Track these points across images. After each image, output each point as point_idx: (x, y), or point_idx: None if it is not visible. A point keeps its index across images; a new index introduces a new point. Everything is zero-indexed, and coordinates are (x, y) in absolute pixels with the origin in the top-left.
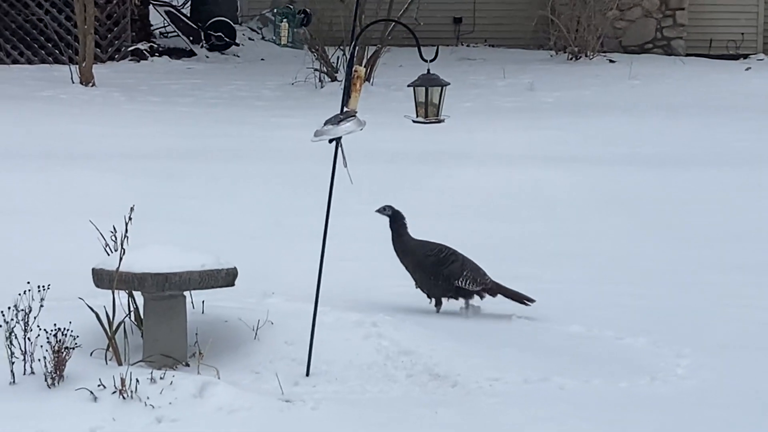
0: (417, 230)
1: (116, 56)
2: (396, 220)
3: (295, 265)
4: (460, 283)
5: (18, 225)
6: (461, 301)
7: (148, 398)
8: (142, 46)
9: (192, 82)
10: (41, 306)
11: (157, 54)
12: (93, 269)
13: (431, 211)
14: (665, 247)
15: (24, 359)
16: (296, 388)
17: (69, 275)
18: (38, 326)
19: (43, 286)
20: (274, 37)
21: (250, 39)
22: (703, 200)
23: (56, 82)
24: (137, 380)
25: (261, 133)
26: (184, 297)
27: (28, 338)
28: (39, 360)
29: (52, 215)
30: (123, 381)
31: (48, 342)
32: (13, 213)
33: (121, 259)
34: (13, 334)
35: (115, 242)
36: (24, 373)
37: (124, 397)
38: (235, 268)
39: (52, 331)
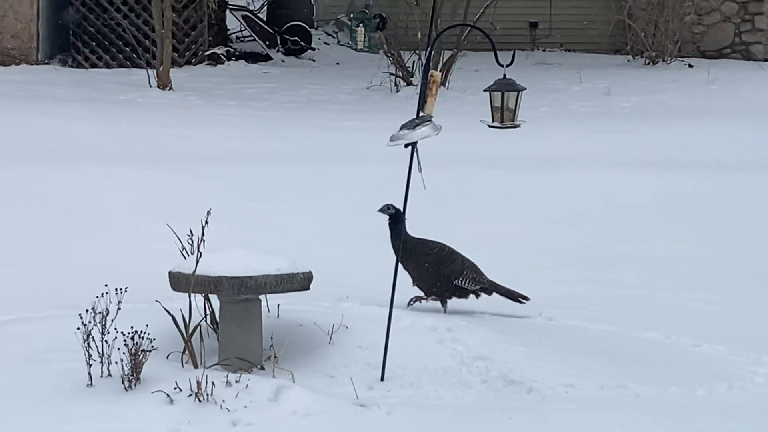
0: (490, 235)
1: (193, 60)
2: (397, 219)
3: (369, 268)
4: (459, 282)
5: (95, 227)
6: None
7: (223, 401)
8: (219, 50)
9: (268, 86)
10: (118, 309)
11: (233, 58)
12: (170, 272)
13: (507, 215)
14: (742, 253)
15: (101, 362)
16: (371, 393)
17: (146, 278)
18: (115, 329)
19: (121, 289)
20: (350, 42)
21: (325, 43)
22: None
23: (134, 86)
24: (213, 383)
25: (336, 137)
26: (260, 301)
27: (106, 341)
28: (116, 362)
29: (129, 218)
30: (199, 384)
31: (125, 344)
32: (90, 215)
33: (197, 262)
34: (90, 336)
35: (192, 245)
36: (101, 376)
37: (200, 400)
38: (310, 272)
39: (129, 333)
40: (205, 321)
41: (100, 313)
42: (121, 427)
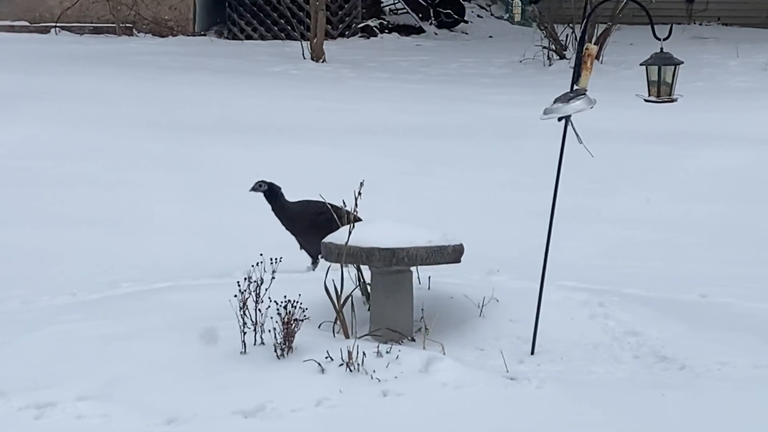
0: (645, 211)
1: (346, 33)
2: (273, 192)
3: (519, 242)
4: None
5: (249, 198)
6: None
7: (374, 372)
8: (372, 22)
9: (420, 59)
10: (273, 278)
11: (386, 31)
12: (322, 242)
13: (661, 191)
14: None
15: (255, 330)
16: (521, 366)
17: (299, 248)
18: (269, 298)
19: (275, 259)
20: (505, 15)
21: (478, 16)
22: None
23: (288, 58)
24: (364, 353)
25: (487, 111)
26: (411, 272)
27: (259, 309)
28: (269, 331)
29: (284, 187)
30: (350, 354)
31: (278, 313)
32: (244, 185)
33: (350, 233)
34: (245, 305)
35: None
36: (255, 344)
37: (350, 370)
38: (461, 245)
39: (282, 303)
40: (359, 291)
41: (254, 282)
42: (273, 394)
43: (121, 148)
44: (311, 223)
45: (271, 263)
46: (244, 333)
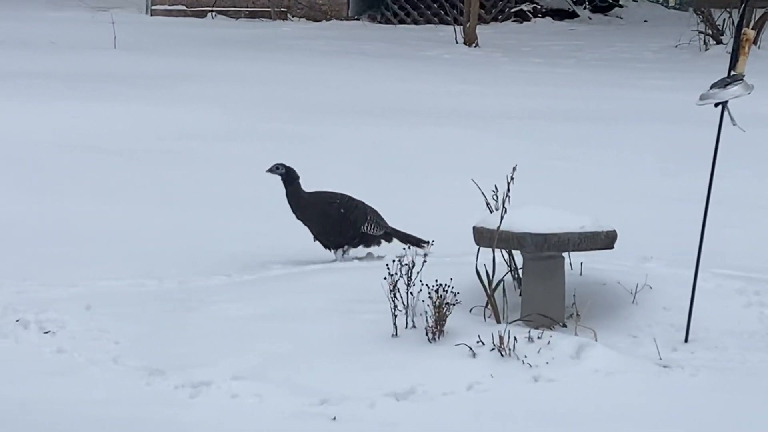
0: None
1: (499, 17)
2: (290, 176)
3: (672, 228)
4: (365, 228)
5: (400, 181)
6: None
7: (525, 357)
8: (526, 7)
9: (574, 44)
10: (424, 261)
11: (539, 15)
12: (474, 227)
13: None
14: None
15: (406, 313)
16: (674, 354)
17: (450, 232)
18: (421, 281)
19: (427, 242)
20: None
21: (633, 0)
22: None
23: (440, 42)
24: (515, 338)
25: (642, 96)
26: (563, 258)
27: (411, 293)
28: (420, 314)
29: (434, 172)
30: (501, 338)
31: (429, 297)
32: (395, 169)
33: (502, 218)
34: (396, 288)
35: (496, 201)
36: (406, 327)
37: (501, 355)
38: (614, 231)
39: (433, 286)
40: (510, 276)
41: (406, 265)
42: (424, 377)
43: (275, 130)
44: (322, 213)
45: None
46: (395, 316)
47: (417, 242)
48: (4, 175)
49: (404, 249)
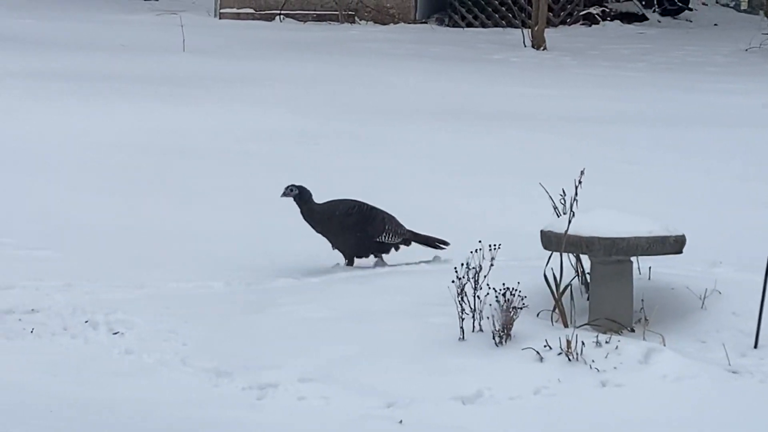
0: None
1: (568, 20)
2: (304, 195)
3: (743, 233)
4: (383, 237)
5: (468, 184)
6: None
7: (593, 361)
8: (594, 10)
9: (642, 47)
10: (491, 265)
11: (608, 18)
12: (541, 231)
13: None
14: None
15: (473, 317)
16: (743, 360)
17: (517, 236)
18: (488, 285)
19: (495, 246)
20: (731, 2)
21: (703, 4)
22: None
23: (508, 46)
24: (583, 343)
25: (711, 100)
26: (631, 262)
27: (478, 296)
28: (487, 318)
29: (503, 176)
30: (569, 343)
31: (497, 301)
32: (463, 173)
33: (569, 222)
34: (464, 291)
35: (564, 205)
36: (473, 330)
37: (569, 359)
38: (683, 236)
39: (500, 290)
40: (576, 281)
41: (473, 268)
42: (491, 381)
43: (345, 132)
44: (341, 224)
45: (491, 250)
46: (463, 319)
47: (437, 244)
48: (78, 178)
49: (472, 251)
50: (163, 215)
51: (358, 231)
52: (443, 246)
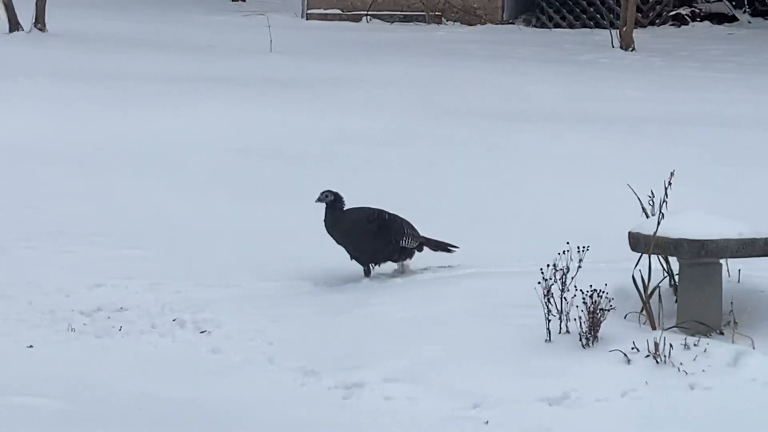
0: None
1: (657, 21)
2: (337, 202)
3: None
4: (404, 242)
5: (557, 186)
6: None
7: (681, 364)
8: (684, 10)
9: (733, 48)
10: (579, 267)
11: (698, 19)
12: (629, 232)
13: None
14: None
15: (560, 318)
16: None
17: (605, 237)
18: (575, 286)
19: (582, 247)
20: None
21: None
22: None
23: (596, 47)
24: (671, 345)
25: None
26: (720, 265)
27: (565, 298)
28: (574, 320)
29: (591, 177)
30: (657, 345)
31: (583, 302)
32: (551, 174)
33: (658, 223)
34: (550, 293)
35: (652, 206)
36: (559, 332)
37: (657, 362)
38: None
39: (588, 292)
40: (668, 282)
41: (560, 270)
42: (578, 383)
43: (427, 134)
44: (363, 231)
45: (578, 252)
46: (549, 321)
47: (446, 248)
48: (165, 178)
49: (558, 255)
50: (246, 215)
51: (381, 236)
52: (454, 249)
